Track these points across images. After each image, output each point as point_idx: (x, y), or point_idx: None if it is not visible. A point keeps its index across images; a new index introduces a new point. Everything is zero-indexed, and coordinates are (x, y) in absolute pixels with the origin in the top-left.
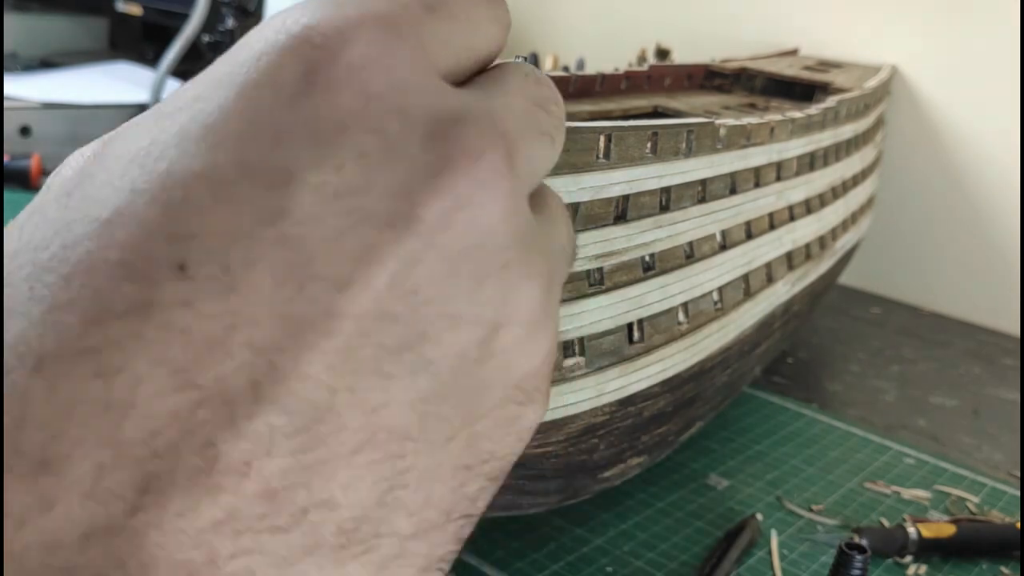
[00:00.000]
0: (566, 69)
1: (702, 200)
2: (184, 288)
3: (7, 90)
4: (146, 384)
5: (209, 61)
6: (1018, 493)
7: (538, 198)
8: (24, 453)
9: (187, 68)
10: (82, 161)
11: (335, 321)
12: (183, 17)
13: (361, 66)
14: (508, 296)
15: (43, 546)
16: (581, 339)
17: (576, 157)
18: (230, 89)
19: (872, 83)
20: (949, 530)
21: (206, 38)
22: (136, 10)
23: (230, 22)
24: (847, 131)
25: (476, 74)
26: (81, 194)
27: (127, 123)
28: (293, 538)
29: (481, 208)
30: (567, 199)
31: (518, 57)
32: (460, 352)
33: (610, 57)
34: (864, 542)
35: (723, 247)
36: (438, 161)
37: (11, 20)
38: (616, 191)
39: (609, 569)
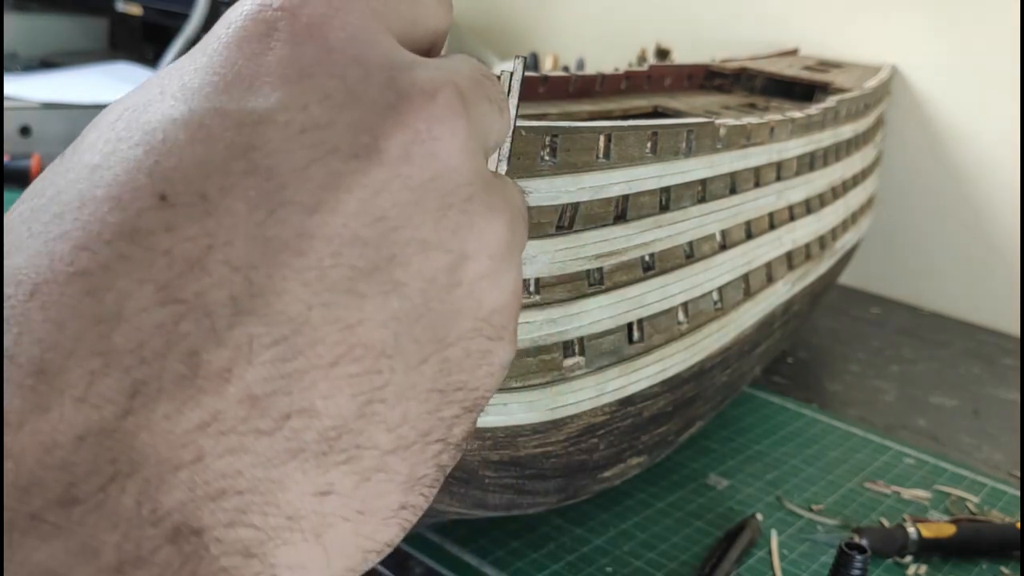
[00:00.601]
0: (566, 69)
1: (702, 200)
2: (165, 214)
3: (7, 90)
4: (133, 299)
5: None
6: (1018, 493)
7: (495, 173)
8: (21, 364)
9: None
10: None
11: (306, 241)
12: (183, 17)
13: (320, 23)
14: (473, 227)
15: (40, 446)
16: (581, 339)
17: (576, 157)
18: (204, 53)
19: (872, 83)
20: (949, 530)
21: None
22: (136, 10)
23: None
24: (847, 131)
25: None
26: (74, 149)
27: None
28: (276, 441)
29: (440, 142)
30: (567, 199)
31: (518, 57)
32: (429, 276)
33: (610, 57)
34: (864, 542)
35: (723, 247)
36: (396, 100)
37: (11, 20)
38: (616, 191)
39: (609, 569)
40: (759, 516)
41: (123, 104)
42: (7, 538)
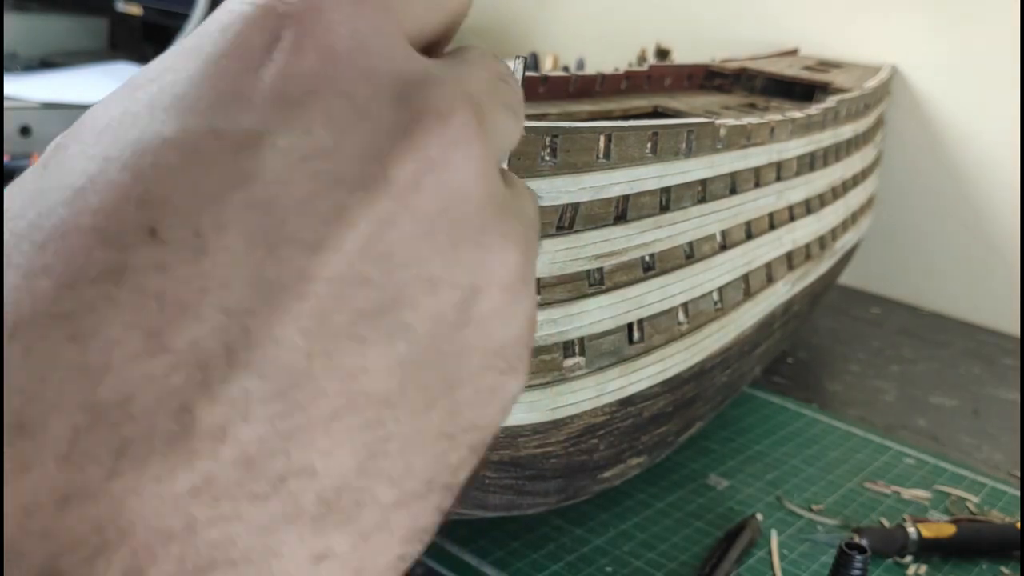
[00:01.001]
0: (566, 69)
1: (702, 200)
2: (156, 252)
3: (7, 90)
4: (120, 348)
5: None
6: (1018, 493)
7: (504, 173)
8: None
9: None
10: (58, 137)
11: (308, 284)
12: (183, 17)
13: (327, 30)
14: (485, 259)
15: (21, 509)
16: (581, 339)
17: (576, 157)
18: (198, 59)
19: (872, 83)
20: (949, 530)
21: None
22: (136, 10)
23: None
24: (847, 131)
25: (438, 45)
26: (56, 163)
27: (101, 99)
28: (272, 506)
29: (454, 169)
30: (567, 199)
31: (518, 57)
32: (438, 316)
33: (610, 57)
34: (864, 542)
35: (723, 247)
36: (408, 122)
37: (11, 20)
38: (616, 191)
39: (609, 569)
40: (759, 516)
41: (108, 112)
42: None
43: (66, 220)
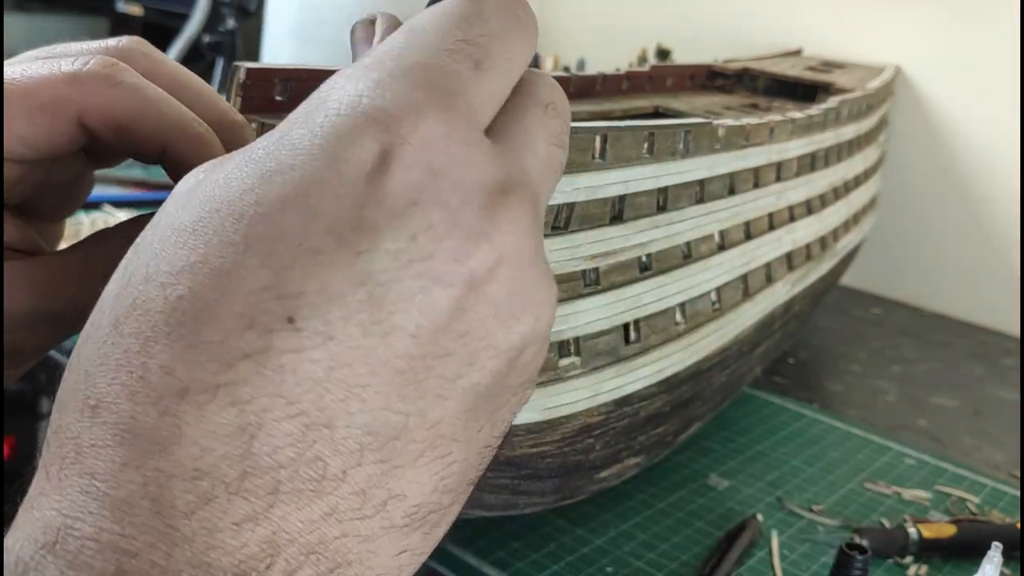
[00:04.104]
0: (566, 69)
1: (700, 200)
2: (294, 338)
3: None
4: (269, 412)
5: (210, 61)
6: (1018, 493)
7: None
8: (183, 463)
9: (188, 69)
10: (198, 198)
11: (407, 361)
12: (183, 17)
13: (425, 146)
14: (535, 323)
15: (206, 530)
16: (576, 339)
17: (572, 157)
18: (319, 161)
19: (875, 84)
20: (950, 530)
21: (206, 38)
22: (136, 10)
23: (230, 22)
24: (849, 131)
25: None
26: (204, 237)
27: (229, 163)
28: (375, 522)
29: (519, 261)
30: (562, 199)
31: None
32: (497, 372)
33: (610, 57)
34: (865, 542)
35: (721, 247)
36: (489, 229)
37: (11, 20)
38: (612, 191)
39: (609, 569)
40: (759, 516)
41: (241, 196)
42: None
43: (218, 303)
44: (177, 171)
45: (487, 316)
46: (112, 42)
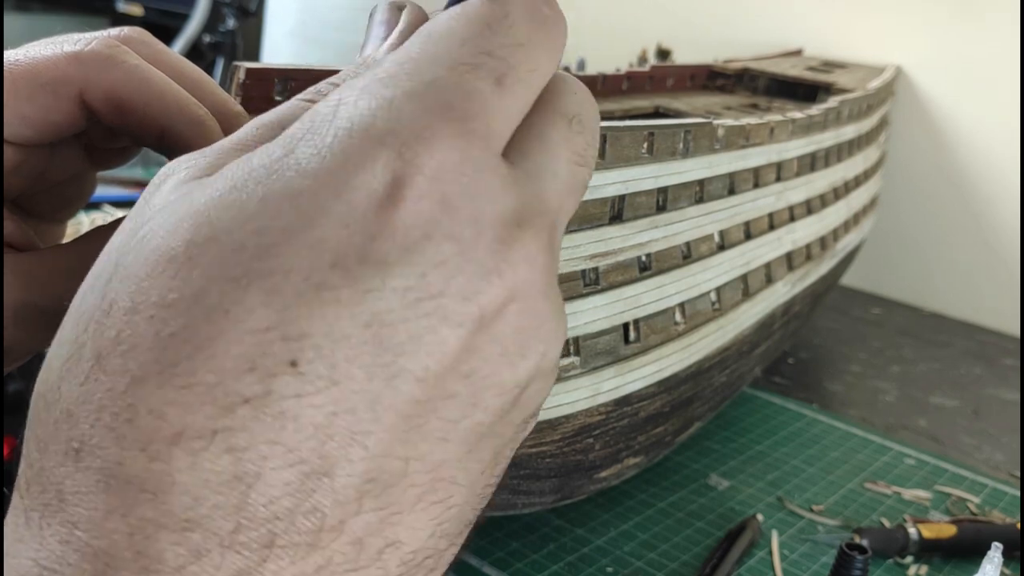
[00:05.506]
0: (567, 69)
1: (700, 200)
2: (296, 382)
3: None
4: (267, 460)
5: (210, 61)
6: (1018, 493)
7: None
8: (173, 513)
9: None
10: (186, 216)
11: (413, 407)
12: (184, 17)
13: (438, 176)
14: (541, 360)
15: None
16: (576, 339)
17: None
18: (327, 189)
19: (875, 84)
20: (950, 531)
21: (207, 38)
22: (137, 10)
23: (231, 22)
24: (849, 132)
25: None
26: (200, 268)
27: (225, 176)
28: (370, 572)
29: (530, 297)
30: None
31: None
32: (500, 410)
33: (610, 57)
34: (865, 542)
35: (721, 247)
36: (501, 265)
37: (11, 20)
38: (611, 191)
39: (610, 569)
40: (760, 516)
41: (244, 221)
42: None
43: (215, 341)
44: (175, 155)
45: (494, 355)
46: (114, 32)
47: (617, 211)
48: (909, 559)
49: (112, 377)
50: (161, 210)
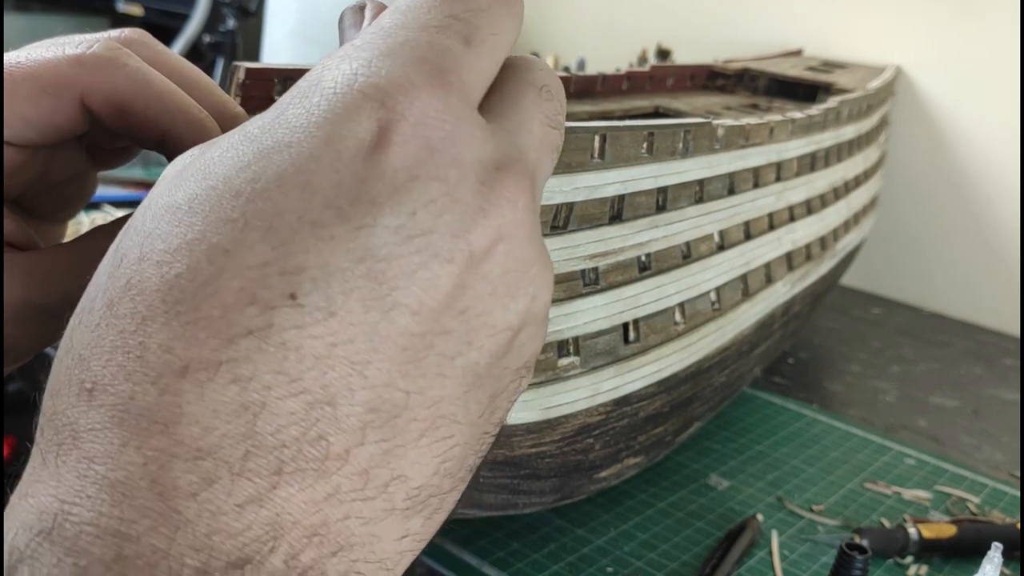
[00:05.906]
0: (566, 69)
1: (700, 200)
2: (295, 314)
3: None
4: (272, 389)
5: (210, 61)
6: (1018, 493)
7: None
8: (185, 443)
9: None
10: (192, 176)
11: (408, 338)
12: (184, 17)
13: (422, 122)
14: (531, 303)
15: (209, 513)
16: (575, 339)
17: (571, 157)
18: (316, 139)
19: (875, 84)
20: (950, 531)
21: (207, 38)
22: (137, 10)
23: (231, 23)
24: (849, 132)
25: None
26: (202, 215)
27: (223, 142)
28: (377, 504)
29: (516, 239)
30: (561, 199)
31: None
32: (495, 352)
33: (610, 57)
34: (865, 542)
35: (721, 247)
36: (486, 205)
37: (11, 20)
38: (611, 191)
39: (610, 569)
40: (760, 517)
41: (239, 171)
42: None
43: (217, 279)
44: (175, 156)
45: (485, 294)
46: (115, 33)
47: (617, 211)
48: (909, 559)
49: (122, 320)
50: (165, 177)
